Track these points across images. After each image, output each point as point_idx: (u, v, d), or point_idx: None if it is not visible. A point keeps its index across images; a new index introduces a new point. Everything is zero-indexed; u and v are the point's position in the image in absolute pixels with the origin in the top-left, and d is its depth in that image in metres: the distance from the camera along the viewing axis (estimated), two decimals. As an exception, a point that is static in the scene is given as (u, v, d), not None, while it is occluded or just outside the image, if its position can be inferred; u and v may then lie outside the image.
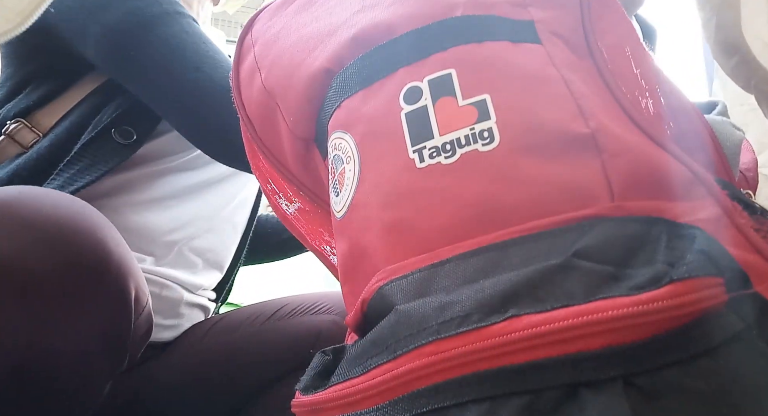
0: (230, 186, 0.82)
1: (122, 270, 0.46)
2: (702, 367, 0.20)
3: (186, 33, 0.62)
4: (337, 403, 0.26)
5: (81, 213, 0.45)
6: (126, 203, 0.68)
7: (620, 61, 0.32)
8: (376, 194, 0.30)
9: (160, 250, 0.71)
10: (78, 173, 0.62)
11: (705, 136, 0.32)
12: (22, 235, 0.41)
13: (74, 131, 0.64)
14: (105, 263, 0.44)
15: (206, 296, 0.82)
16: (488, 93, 0.29)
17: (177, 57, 0.60)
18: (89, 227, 0.45)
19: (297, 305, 0.77)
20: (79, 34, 0.63)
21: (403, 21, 0.33)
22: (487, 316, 0.23)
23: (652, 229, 0.24)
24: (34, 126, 0.66)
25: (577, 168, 0.27)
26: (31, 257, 0.41)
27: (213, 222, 0.79)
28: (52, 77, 0.67)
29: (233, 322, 0.77)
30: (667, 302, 0.20)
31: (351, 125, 0.33)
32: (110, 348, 0.47)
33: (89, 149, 0.63)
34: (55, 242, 0.42)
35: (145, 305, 0.50)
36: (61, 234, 0.43)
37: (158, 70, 0.60)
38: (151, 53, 0.60)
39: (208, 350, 0.74)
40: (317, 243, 0.43)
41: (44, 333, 0.42)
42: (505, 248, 0.25)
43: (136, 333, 0.50)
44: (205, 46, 0.62)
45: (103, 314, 0.45)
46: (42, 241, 0.42)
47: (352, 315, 0.30)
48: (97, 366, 0.47)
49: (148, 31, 0.61)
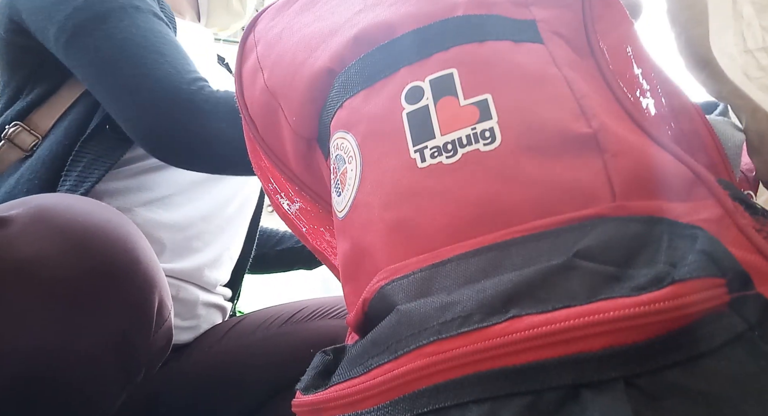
0: (233, 181, 0.82)
1: (148, 281, 0.46)
2: (704, 368, 0.20)
3: (136, 27, 0.61)
4: (337, 403, 0.26)
5: (113, 222, 0.46)
6: (137, 203, 0.69)
7: (621, 60, 0.32)
8: (377, 194, 0.30)
9: (173, 247, 0.71)
10: (85, 170, 0.62)
11: (706, 136, 0.31)
12: (53, 240, 0.42)
13: (72, 131, 0.64)
14: (132, 273, 0.45)
15: (221, 293, 0.82)
16: (490, 93, 0.29)
17: (119, 53, 0.60)
18: (120, 236, 0.45)
19: (315, 309, 0.77)
20: (44, 34, 0.63)
21: (405, 20, 0.33)
22: (489, 316, 0.23)
23: (653, 229, 0.24)
24: (32, 129, 0.66)
25: (579, 168, 0.27)
26: (60, 261, 0.42)
27: (222, 216, 0.79)
28: (45, 78, 0.67)
29: (251, 324, 0.77)
30: (668, 303, 0.20)
31: (353, 124, 0.33)
32: (127, 356, 0.47)
33: (89, 146, 0.63)
34: (85, 248, 0.43)
35: (166, 318, 0.50)
36: (91, 241, 0.43)
37: (101, 66, 0.60)
38: (96, 48, 0.60)
39: (226, 352, 0.74)
40: (318, 243, 0.43)
41: (64, 335, 0.42)
42: (507, 248, 0.25)
43: (154, 345, 0.50)
44: (155, 40, 0.61)
45: (123, 322, 0.45)
46: (72, 247, 0.42)
47: (353, 314, 0.30)
48: (112, 374, 0.47)
49: (95, 26, 0.60)
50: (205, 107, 0.58)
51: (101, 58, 0.60)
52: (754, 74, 0.36)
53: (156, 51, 0.60)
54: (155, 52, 0.60)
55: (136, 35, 0.61)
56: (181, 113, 0.58)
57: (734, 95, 0.36)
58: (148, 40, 0.61)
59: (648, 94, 0.32)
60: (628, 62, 0.32)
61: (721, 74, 0.36)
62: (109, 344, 0.45)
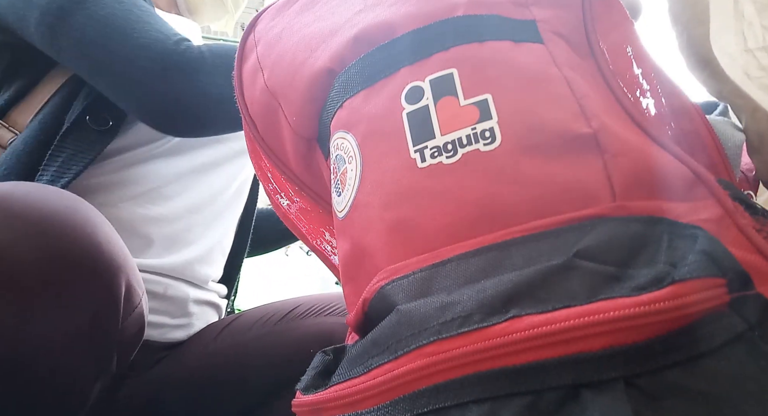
0: (225, 171, 0.81)
1: (112, 265, 0.45)
2: (704, 368, 0.20)
3: (118, 2, 0.62)
4: (337, 403, 0.26)
5: (72, 208, 0.45)
6: (123, 198, 0.68)
7: (622, 61, 0.32)
8: (377, 194, 0.30)
9: (161, 242, 0.71)
10: (63, 166, 0.61)
11: (706, 136, 0.31)
12: (10, 227, 0.41)
13: (48, 125, 0.64)
14: (93, 257, 0.44)
15: (214, 290, 0.82)
16: (490, 93, 0.29)
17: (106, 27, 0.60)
18: (79, 221, 0.44)
19: (311, 306, 0.77)
20: (23, 24, 0.63)
21: (405, 20, 0.33)
22: (489, 316, 0.23)
23: (653, 229, 0.24)
24: (11, 125, 0.65)
25: (579, 168, 0.27)
26: (18, 248, 0.41)
27: (213, 208, 0.78)
28: (22, 74, 0.67)
29: (247, 322, 0.76)
30: (669, 303, 0.20)
31: (353, 124, 0.33)
32: (95, 344, 0.47)
33: (68, 140, 0.63)
34: (43, 234, 0.42)
35: (137, 304, 0.50)
36: (49, 227, 0.43)
37: (90, 43, 0.60)
38: (83, 26, 0.60)
39: (221, 350, 0.73)
40: (318, 243, 0.43)
41: (27, 324, 0.42)
42: (507, 248, 0.25)
43: (125, 331, 0.49)
44: (140, 12, 0.62)
45: (88, 308, 0.45)
46: (30, 233, 0.42)
47: (353, 314, 0.30)
48: (82, 363, 0.46)
49: (79, 5, 0.60)
50: (196, 64, 0.60)
51: (88, 36, 0.60)
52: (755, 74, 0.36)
53: (141, 21, 0.61)
54: (141, 22, 0.61)
55: (118, 9, 0.61)
56: (175, 72, 0.59)
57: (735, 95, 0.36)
58: (132, 13, 0.62)
59: (648, 94, 0.32)
60: (628, 62, 0.32)
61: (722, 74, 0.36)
62: (75, 330, 0.44)
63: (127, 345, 0.52)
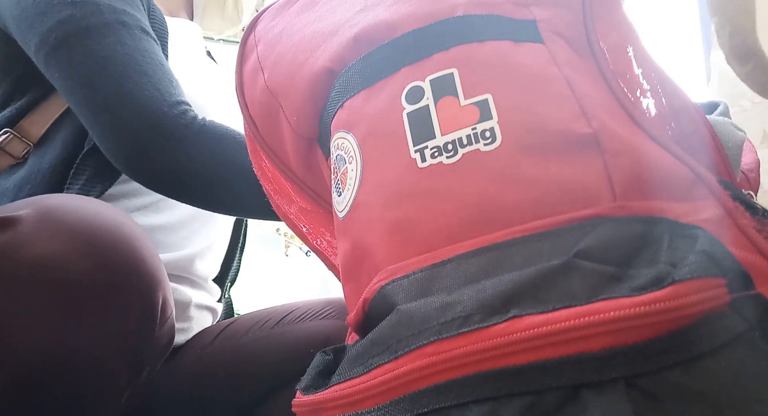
0: None
1: (153, 280, 0.47)
2: (704, 369, 0.20)
3: (121, 45, 0.60)
4: (337, 403, 0.26)
5: (120, 222, 0.47)
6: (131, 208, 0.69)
7: (622, 60, 0.32)
8: (378, 194, 0.30)
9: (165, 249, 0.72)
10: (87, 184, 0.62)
11: (706, 136, 0.31)
12: (61, 238, 0.42)
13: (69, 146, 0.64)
14: (137, 271, 0.45)
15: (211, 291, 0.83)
16: (490, 93, 0.29)
17: (98, 70, 0.58)
18: (126, 236, 0.46)
19: (306, 310, 0.77)
20: (25, 43, 0.62)
21: (405, 20, 0.33)
22: (489, 316, 0.23)
23: (654, 229, 0.24)
24: (23, 136, 0.65)
25: (579, 168, 0.27)
26: (68, 259, 0.42)
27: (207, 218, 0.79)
28: (33, 84, 0.67)
29: (242, 327, 0.77)
30: (669, 303, 0.20)
31: (353, 124, 0.33)
32: (132, 355, 0.48)
33: (89, 161, 0.63)
34: (92, 247, 0.43)
35: (169, 316, 0.51)
36: (98, 240, 0.44)
37: (78, 82, 0.59)
38: (76, 65, 0.59)
39: (217, 354, 0.74)
40: (318, 243, 0.43)
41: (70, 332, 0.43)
42: (507, 248, 0.25)
43: (158, 343, 0.50)
44: (142, 59, 0.60)
45: (131, 320, 0.46)
46: (80, 245, 0.43)
47: (354, 314, 0.30)
48: (116, 371, 0.47)
49: (77, 41, 0.59)
50: (185, 132, 0.58)
51: (79, 73, 0.59)
52: None
53: (140, 71, 0.59)
54: (139, 72, 0.59)
55: (119, 53, 0.59)
56: (160, 135, 0.57)
57: None
58: (133, 59, 0.60)
59: (648, 94, 0.32)
60: (629, 62, 0.32)
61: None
62: (116, 343, 0.45)
63: (159, 354, 0.53)
